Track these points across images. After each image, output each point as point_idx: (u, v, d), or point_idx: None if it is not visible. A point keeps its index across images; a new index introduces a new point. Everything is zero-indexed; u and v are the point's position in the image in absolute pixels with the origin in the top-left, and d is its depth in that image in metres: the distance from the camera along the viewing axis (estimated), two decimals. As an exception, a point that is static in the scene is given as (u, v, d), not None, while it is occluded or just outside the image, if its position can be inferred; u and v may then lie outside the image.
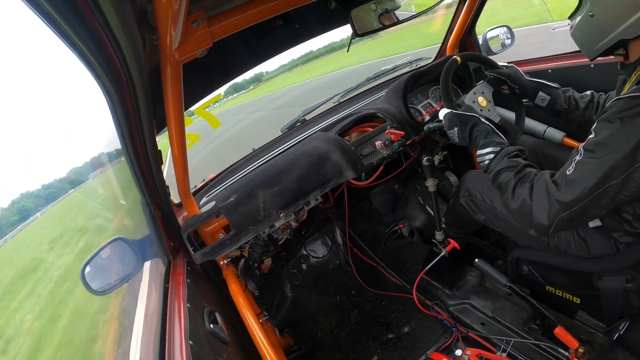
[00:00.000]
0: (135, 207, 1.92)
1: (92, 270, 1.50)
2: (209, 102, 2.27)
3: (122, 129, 1.35)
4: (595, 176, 1.27)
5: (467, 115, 1.72)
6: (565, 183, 1.33)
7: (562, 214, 1.33)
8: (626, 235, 1.49)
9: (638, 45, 1.35)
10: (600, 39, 1.39)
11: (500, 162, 1.54)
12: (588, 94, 1.91)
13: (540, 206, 1.37)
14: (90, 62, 0.97)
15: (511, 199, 1.47)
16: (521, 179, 1.46)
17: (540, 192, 1.38)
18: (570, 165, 1.34)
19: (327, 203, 2.86)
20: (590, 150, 1.29)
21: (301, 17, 1.98)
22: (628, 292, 1.56)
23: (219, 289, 2.04)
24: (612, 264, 1.54)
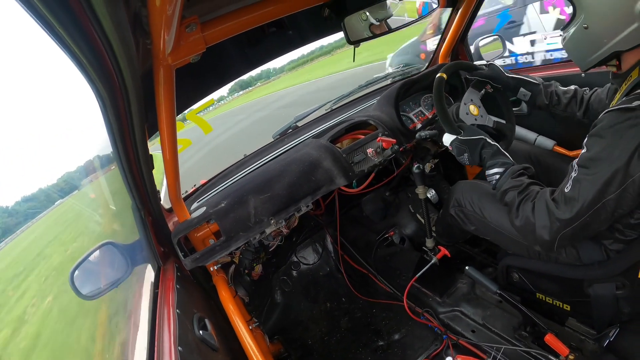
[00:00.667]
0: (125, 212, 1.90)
1: (81, 274, 1.48)
2: (201, 107, 2.27)
3: (114, 132, 1.34)
4: (591, 192, 1.28)
5: (474, 139, 1.72)
6: (564, 201, 1.34)
7: (564, 231, 1.35)
8: (616, 242, 1.50)
9: (631, 56, 1.37)
10: (595, 50, 1.40)
11: (506, 181, 1.56)
12: (572, 88, 1.93)
13: (543, 224, 1.39)
14: (83, 65, 0.96)
15: (515, 217, 1.49)
16: (524, 198, 1.48)
17: (542, 211, 1.40)
18: (568, 183, 1.35)
19: (318, 210, 2.86)
20: (584, 167, 1.31)
21: (295, 23, 1.99)
22: (618, 299, 1.57)
23: (209, 295, 2.03)
24: (602, 271, 1.55)
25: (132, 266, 1.67)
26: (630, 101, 1.24)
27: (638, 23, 1.25)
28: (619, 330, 1.61)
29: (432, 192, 2.68)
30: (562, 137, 2.31)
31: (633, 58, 1.36)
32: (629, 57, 1.38)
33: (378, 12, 1.89)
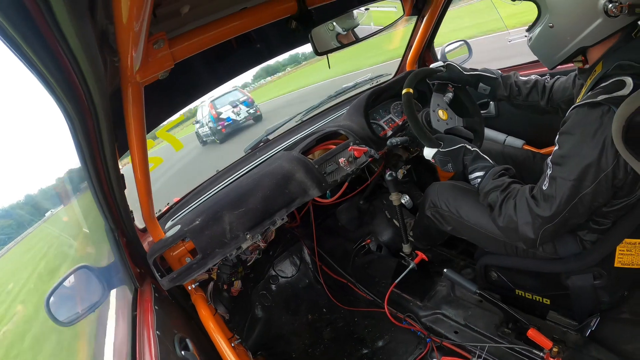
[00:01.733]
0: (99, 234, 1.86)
1: (56, 300, 1.44)
2: (171, 124, 2.25)
3: (84, 152, 1.31)
4: (567, 189, 1.33)
5: (455, 149, 1.75)
6: (543, 198, 1.39)
7: (546, 227, 1.40)
8: (591, 232, 1.54)
9: (596, 50, 1.43)
10: (561, 48, 1.46)
11: (488, 183, 1.60)
12: (532, 78, 1.99)
13: (525, 221, 1.43)
14: (50, 85, 0.95)
15: (498, 216, 1.53)
16: (506, 197, 1.52)
17: (523, 208, 1.44)
18: (545, 180, 1.40)
19: (294, 222, 2.86)
20: (558, 164, 1.35)
21: (262, 36, 2.00)
22: (596, 289, 1.61)
23: (188, 315, 1.99)
24: (579, 263, 1.59)
25: (109, 289, 1.63)
26: (595, 95, 1.27)
27: (601, 19, 1.32)
28: (599, 318, 1.65)
29: (406, 198, 2.70)
30: (530, 137, 2.37)
31: (597, 53, 1.42)
32: (594, 52, 1.44)
33: (345, 22, 1.91)
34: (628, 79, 1.25)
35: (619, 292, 1.63)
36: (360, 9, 2.05)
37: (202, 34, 1.35)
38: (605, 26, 1.33)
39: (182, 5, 1.29)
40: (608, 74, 1.33)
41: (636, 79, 1.23)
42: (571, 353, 1.71)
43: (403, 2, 2.34)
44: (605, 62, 1.37)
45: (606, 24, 1.33)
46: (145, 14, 0.88)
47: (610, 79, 1.30)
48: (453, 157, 1.75)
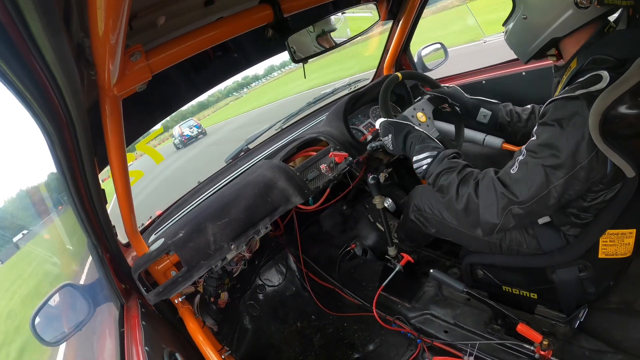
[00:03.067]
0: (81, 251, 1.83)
1: (42, 320, 1.41)
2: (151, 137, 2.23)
3: (63, 168, 1.30)
4: (538, 177, 1.32)
5: (402, 123, 1.75)
6: (511, 181, 1.37)
7: (510, 209, 1.36)
8: (573, 227, 1.57)
9: (569, 44, 1.47)
10: (534, 39, 1.50)
11: (439, 165, 1.55)
12: (529, 107, 2.01)
13: (488, 203, 1.39)
14: (27, 100, 0.93)
15: (455, 199, 1.47)
16: (464, 178, 1.47)
17: (487, 189, 1.40)
18: (514, 165, 1.38)
19: (278, 230, 2.85)
20: (533, 151, 1.34)
21: (239, 46, 2.00)
22: (582, 281, 1.64)
23: (176, 329, 1.97)
24: (563, 256, 1.61)
25: (94, 307, 1.60)
26: (573, 90, 1.29)
27: (572, 10, 1.36)
28: (587, 310, 1.68)
29: (389, 201, 2.72)
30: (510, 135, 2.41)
31: (572, 48, 1.46)
32: (568, 47, 1.48)
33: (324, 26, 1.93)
34: (604, 72, 1.26)
35: (605, 282, 1.65)
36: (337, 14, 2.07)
37: (179, 45, 1.35)
38: (577, 17, 1.38)
39: (158, 17, 1.29)
40: (583, 69, 1.36)
41: (612, 73, 1.25)
42: (561, 345, 1.74)
43: (378, 7, 2.37)
44: (579, 57, 1.41)
45: (577, 15, 1.37)
46: (121, 26, 0.88)
47: (586, 74, 1.32)
48: (396, 130, 1.73)
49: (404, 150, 1.72)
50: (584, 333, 1.73)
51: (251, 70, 2.42)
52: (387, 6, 2.53)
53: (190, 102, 2.26)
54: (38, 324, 1.40)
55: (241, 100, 29.92)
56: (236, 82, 27.90)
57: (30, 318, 1.39)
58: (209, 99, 29.78)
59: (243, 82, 28.30)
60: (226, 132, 18.68)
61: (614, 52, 1.32)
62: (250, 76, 27.98)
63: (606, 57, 1.32)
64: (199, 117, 25.57)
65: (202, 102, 28.29)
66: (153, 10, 1.28)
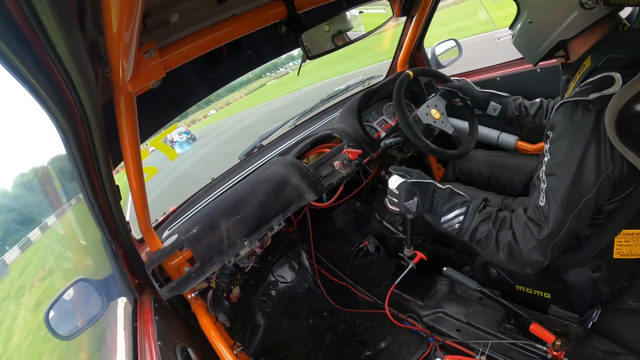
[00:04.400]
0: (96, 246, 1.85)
1: (56, 314, 1.43)
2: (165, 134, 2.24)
3: (78, 165, 1.31)
4: (566, 198, 1.29)
5: (425, 182, 1.65)
6: (543, 216, 1.34)
7: (553, 243, 1.35)
8: (586, 228, 1.53)
9: (577, 44, 1.44)
10: (541, 43, 1.48)
11: (472, 219, 1.52)
12: (537, 101, 1.99)
13: (530, 247, 1.37)
14: (42, 98, 0.94)
15: (497, 250, 1.45)
16: (500, 227, 1.45)
17: (523, 233, 1.38)
18: (540, 196, 1.35)
19: (291, 227, 2.86)
20: (552, 174, 1.32)
21: (252, 43, 2.00)
22: (596, 281, 1.61)
23: (189, 324, 1.98)
24: (576, 256, 1.58)
25: (108, 301, 1.62)
26: (585, 93, 1.26)
27: (578, 11, 1.33)
28: (601, 310, 1.65)
29: None
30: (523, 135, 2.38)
31: (581, 47, 1.43)
32: (576, 47, 1.45)
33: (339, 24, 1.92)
34: (617, 74, 1.24)
35: (619, 283, 1.62)
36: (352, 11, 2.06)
37: (192, 42, 1.35)
38: (583, 19, 1.35)
39: (172, 14, 1.29)
40: (597, 68, 1.33)
41: (625, 74, 1.22)
42: (574, 346, 1.71)
43: (392, 3, 2.35)
44: (593, 56, 1.38)
45: (583, 17, 1.35)
46: (135, 23, 0.88)
47: (599, 74, 1.29)
48: (421, 191, 1.63)
49: (429, 211, 1.64)
50: (597, 334, 1.70)
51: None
52: (400, 2, 2.50)
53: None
54: (52, 318, 1.41)
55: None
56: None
57: (45, 312, 1.41)
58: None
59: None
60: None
61: (629, 50, 1.30)
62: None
63: (622, 56, 1.29)
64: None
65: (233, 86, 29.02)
66: (166, 8, 1.28)
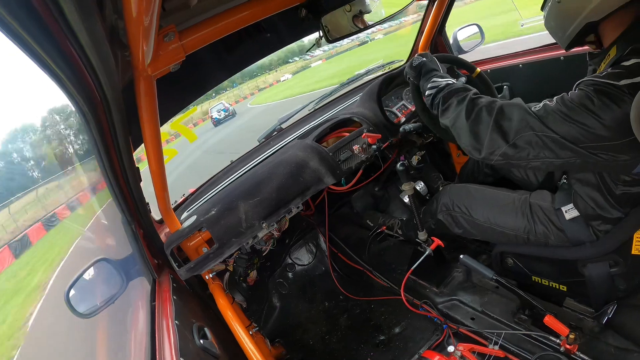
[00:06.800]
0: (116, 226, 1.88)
1: (76, 293, 1.46)
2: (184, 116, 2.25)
3: (98, 147, 1.33)
4: (567, 134, 1.26)
5: (433, 68, 1.75)
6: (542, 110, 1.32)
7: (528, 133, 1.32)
8: (604, 223, 1.52)
9: (608, 29, 1.38)
10: (570, 23, 1.41)
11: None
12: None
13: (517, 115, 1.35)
14: (62, 82, 0.96)
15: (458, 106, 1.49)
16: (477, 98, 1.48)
17: (514, 107, 1.37)
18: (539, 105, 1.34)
19: (309, 210, 2.87)
20: (565, 105, 1.28)
21: (272, 26, 1.98)
22: (613, 277, 1.58)
23: (206, 304, 2.02)
24: (594, 250, 1.57)
25: (127, 281, 1.65)
26: (617, 76, 1.22)
27: None
28: (616, 306, 1.62)
29: (421, 185, 2.69)
30: None
31: (611, 33, 1.37)
32: (606, 32, 1.39)
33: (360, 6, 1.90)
34: None
35: (636, 279, 1.60)
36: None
37: (211, 26, 1.34)
38: (610, 0, 1.29)
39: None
40: (623, 58, 1.28)
41: None
42: (587, 340, 1.70)
43: (414, -16, 2.30)
44: (619, 46, 1.33)
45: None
46: (154, 7, 0.88)
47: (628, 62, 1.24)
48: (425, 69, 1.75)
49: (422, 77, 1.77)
50: (611, 330, 1.69)
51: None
52: (422, -17, 2.46)
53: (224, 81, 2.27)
54: (72, 297, 1.45)
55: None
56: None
57: (65, 291, 1.44)
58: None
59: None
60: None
61: None
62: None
63: None
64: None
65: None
66: (186, -9, 1.27)
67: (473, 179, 2.37)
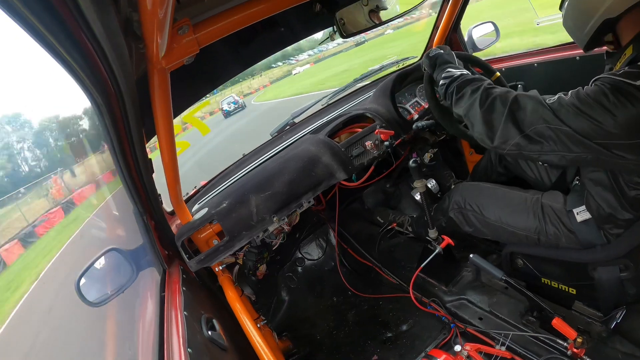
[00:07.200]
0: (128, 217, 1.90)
1: (87, 282, 1.48)
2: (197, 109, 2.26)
3: (112, 138, 1.34)
4: (577, 126, 1.25)
5: (448, 60, 1.76)
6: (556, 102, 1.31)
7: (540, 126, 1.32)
8: (616, 227, 1.50)
9: (625, 27, 1.36)
10: (587, 21, 1.39)
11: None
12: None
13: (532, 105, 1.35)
14: (77, 74, 0.97)
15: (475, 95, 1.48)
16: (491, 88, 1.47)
17: (526, 97, 1.37)
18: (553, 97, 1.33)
19: (320, 205, 2.87)
20: (580, 99, 1.26)
21: (286, 20, 1.98)
22: (623, 281, 1.56)
23: (215, 296, 2.04)
24: (605, 254, 1.55)
25: (137, 271, 1.67)
26: (634, 76, 1.20)
27: None
28: (625, 311, 1.61)
29: (433, 182, 2.68)
30: None
31: (629, 32, 1.35)
32: (624, 31, 1.37)
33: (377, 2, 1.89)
34: None
35: None
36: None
37: (225, 19, 1.34)
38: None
39: (206, -9, 1.29)
40: (639, 58, 1.26)
41: None
42: (595, 344, 1.69)
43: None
44: (635, 45, 1.30)
45: None
46: (169, 0, 0.89)
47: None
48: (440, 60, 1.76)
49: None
50: (619, 335, 1.67)
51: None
52: (438, -21, 2.44)
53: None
54: (83, 285, 1.47)
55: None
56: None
57: (76, 280, 1.46)
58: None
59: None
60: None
61: None
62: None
63: None
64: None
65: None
66: (201, -16, 1.28)
67: (486, 178, 2.35)
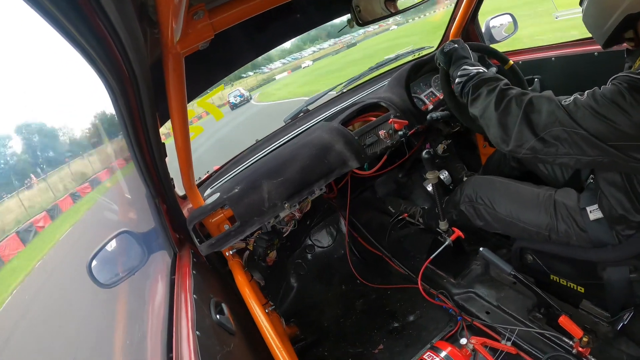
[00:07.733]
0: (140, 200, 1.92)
1: (98, 263, 1.50)
2: (211, 94, 2.27)
3: (126, 122, 1.35)
4: (594, 129, 1.23)
5: (463, 55, 1.75)
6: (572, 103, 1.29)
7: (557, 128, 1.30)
8: (628, 228, 1.48)
9: None
10: (608, 17, 1.35)
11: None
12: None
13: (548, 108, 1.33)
14: (92, 58, 0.97)
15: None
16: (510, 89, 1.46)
17: (545, 101, 1.35)
18: (569, 100, 1.31)
19: (331, 193, 2.87)
20: (596, 100, 1.24)
21: (302, 7, 1.96)
22: (632, 283, 1.55)
23: (224, 280, 2.06)
24: (615, 254, 1.53)
25: (148, 254, 1.68)
26: None
27: None
28: (633, 313, 1.60)
29: (445, 174, 2.66)
30: None
31: None
32: None
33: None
34: None
35: None
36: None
37: (242, 4, 1.34)
38: None
39: (221, -24, 1.28)
40: None
41: None
42: (601, 344, 1.69)
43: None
44: None
45: None
46: (184, -16, 0.89)
47: None
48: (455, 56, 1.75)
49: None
50: (625, 336, 1.67)
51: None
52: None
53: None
54: (94, 267, 1.49)
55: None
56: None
57: (88, 261, 1.48)
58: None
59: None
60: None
61: None
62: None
63: None
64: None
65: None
66: (216, -31, 1.27)
67: (499, 172, 2.32)
